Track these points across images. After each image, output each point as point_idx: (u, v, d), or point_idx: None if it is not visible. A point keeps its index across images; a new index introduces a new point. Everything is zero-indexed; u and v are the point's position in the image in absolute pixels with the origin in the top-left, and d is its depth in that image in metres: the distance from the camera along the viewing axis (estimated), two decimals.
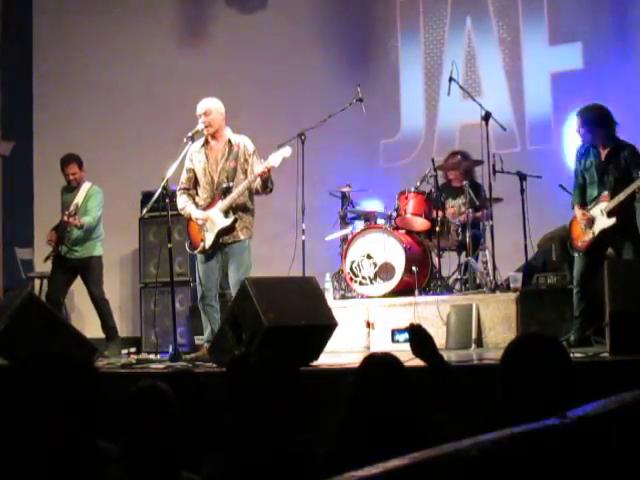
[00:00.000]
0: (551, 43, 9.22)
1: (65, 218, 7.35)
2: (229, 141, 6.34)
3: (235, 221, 6.25)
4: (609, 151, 6.00)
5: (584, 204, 6.08)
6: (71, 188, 7.64)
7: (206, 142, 6.38)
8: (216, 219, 6.25)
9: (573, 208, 6.16)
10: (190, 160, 6.39)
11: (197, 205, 6.37)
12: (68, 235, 7.49)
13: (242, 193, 6.25)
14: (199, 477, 2.68)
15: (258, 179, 6.18)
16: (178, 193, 6.45)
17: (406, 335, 3.19)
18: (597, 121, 5.97)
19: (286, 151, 6.21)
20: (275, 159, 6.11)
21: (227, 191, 6.25)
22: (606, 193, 5.95)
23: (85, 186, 7.58)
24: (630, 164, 5.93)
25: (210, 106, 6.30)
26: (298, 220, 7.33)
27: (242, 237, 6.29)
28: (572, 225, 6.16)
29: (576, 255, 6.11)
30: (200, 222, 6.29)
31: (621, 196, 5.84)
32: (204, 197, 6.36)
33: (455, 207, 7.71)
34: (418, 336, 3.15)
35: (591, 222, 5.97)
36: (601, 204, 5.96)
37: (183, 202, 6.41)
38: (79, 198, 7.45)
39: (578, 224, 6.08)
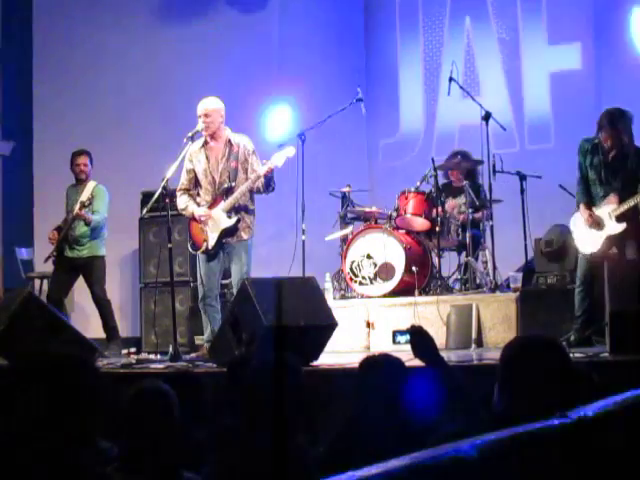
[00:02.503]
0: (550, 43, 9.23)
1: (77, 210, 7.32)
2: (229, 141, 6.34)
3: (238, 221, 6.25)
4: (617, 152, 5.91)
5: (589, 203, 5.98)
6: (77, 183, 7.61)
7: (205, 142, 6.38)
8: (219, 219, 6.25)
9: (577, 206, 6.06)
10: (190, 161, 6.38)
11: (198, 205, 6.37)
12: (71, 232, 7.47)
13: (244, 193, 6.25)
14: (199, 477, 2.69)
15: (261, 178, 6.18)
16: (178, 194, 6.44)
17: (407, 336, 3.19)
18: (628, 125, 5.88)
19: (290, 151, 6.23)
20: (278, 159, 6.12)
21: (229, 191, 6.25)
22: (613, 195, 5.89)
23: (90, 184, 7.55)
24: (638, 168, 5.88)
25: (210, 107, 6.29)
26: (298, 220, 7.33)
27: (245, 237, 6.30)
28: (576, 225, 6.07)
29: (580, 255, 6.07)
30: (203, 219, 6.28)
31: (631, 202, 5.76)
32: (206, 198, 6.35)
33: (455, 205, 7.70)
34: (419, 338, 3.15)
35: (598, 224, 5.91)
36: (608, 206, 5.88)
37: (184, 202, 6.41)
38: (84, 196, 7.42)
39: (582, 225, 5.97)
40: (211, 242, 6.27)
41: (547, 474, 1.74)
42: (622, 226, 5.83)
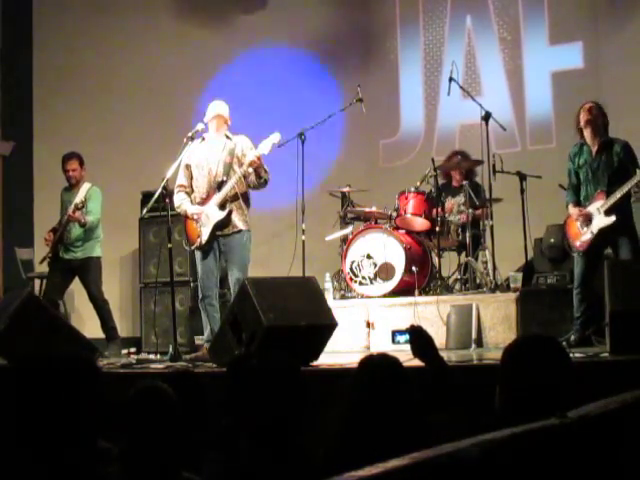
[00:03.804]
0: (551, 42, 9.22)
1: (70, 212, 7.33)
2: (226, 137, 6.39)
3: (230, 213, 6.25)
4: (598, 146, 5.99)
5: (578, 202, 6.08)
6: (70, 187, 7.63)
7: (203, 139, 6.42)
8: (211, 213, 6.26)
9: (566, 207, 6.16)
10: (188, 157, 6.40)
11: (193, 201, 6.38)
12: (67, 234, 7.47)
13: (235, 185, 6.26)
14: (199, 477, 2.68)
15: (252, 170, 6.20)
16: (175, 191, 6.46)
17: (407, 336, 3.19)
18: (603, 118, 5.97)
19: (275, 137, 6.26)
20: (264, 146, 6.18)
21: (221, 185, 6.27)
22: (600, 192, 5.94)
23: (85, 186, 7.56)
24: (624, 160, 5.92)
25: (219, 112, 6.35)
26: (298, 220, 7.33)
27: (240, 226, 6.28)
28: (568, 225, 6.15)
29: (575, 255, 6.10)
30: (196, 217, 6.30)
31: (617, 194, 5.83)
32: (201, 191, 6.36)
33: (454, 205, 7.70)
34: (418, 338, 3.15)
35: (588, 219, 5.96)
36: (597, 202, 5.94)
37: (180, 200, 6.43)
38: (78, 198, 7.43)
39: (573, 223, 6.06)
40: (204, 237, 6.28)
41: (547, 474, 1.73)
42: (612, 219, 5.86)
